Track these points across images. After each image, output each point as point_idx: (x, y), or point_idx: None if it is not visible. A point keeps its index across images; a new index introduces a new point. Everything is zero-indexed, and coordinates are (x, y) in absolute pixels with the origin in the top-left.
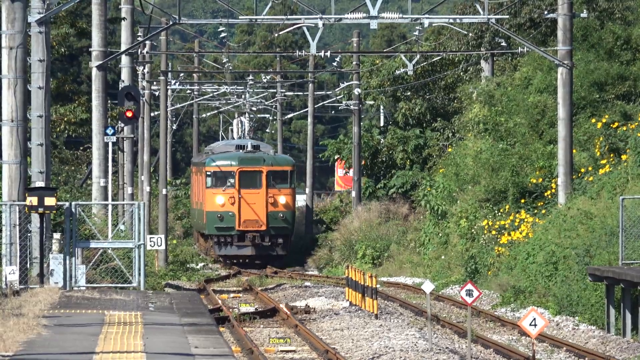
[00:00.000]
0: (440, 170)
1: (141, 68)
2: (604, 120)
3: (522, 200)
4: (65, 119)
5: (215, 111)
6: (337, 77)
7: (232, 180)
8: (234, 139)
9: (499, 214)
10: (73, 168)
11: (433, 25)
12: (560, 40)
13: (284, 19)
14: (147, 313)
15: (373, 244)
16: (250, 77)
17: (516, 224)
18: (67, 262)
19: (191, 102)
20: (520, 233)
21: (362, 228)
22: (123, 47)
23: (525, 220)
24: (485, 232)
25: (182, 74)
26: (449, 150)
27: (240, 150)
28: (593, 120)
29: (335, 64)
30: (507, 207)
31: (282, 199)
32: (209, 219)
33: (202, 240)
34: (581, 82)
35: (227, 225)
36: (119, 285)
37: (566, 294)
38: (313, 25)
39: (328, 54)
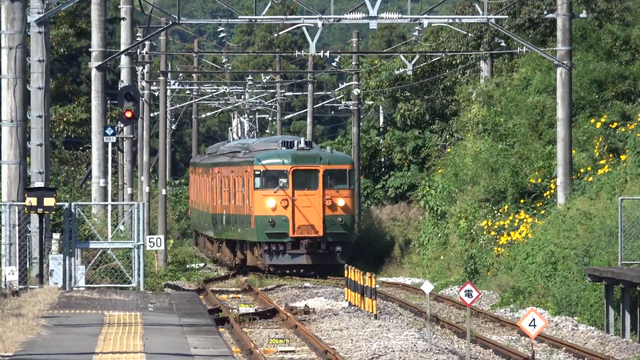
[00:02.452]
0: (440, 170)
1: (140, 68)
2: (602, 120)
3: (522, 201)
4: (65, 119)
5: (215, 112)
6: (336, 78)
7: (284, 181)
8: (233, 139)
9: (498, 214)
10: (72, 168)
11: (432, 25)
12: (560, 40)
13: (283, 19)
14: (146, 313)
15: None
16: (250, 78)
17: (515, 224)
18: (67, 262)
19: (190, 102)
20: (520, 233)
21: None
22: (122, 47)
23: (525, 220)
24: (485, 232)
25: (181, 74)
26: (448, 150)
27: (289, 147)
28: (592, 121)
29: (334, 64)
30: (507, 207)
31: (340, 202)
32: (258, 224)
33: (204, 242)
34: (580, 82)
35: (279, 232)
36: (119, 285)
37: (565, 294)
38: (312, 25)
39: (327, 54)
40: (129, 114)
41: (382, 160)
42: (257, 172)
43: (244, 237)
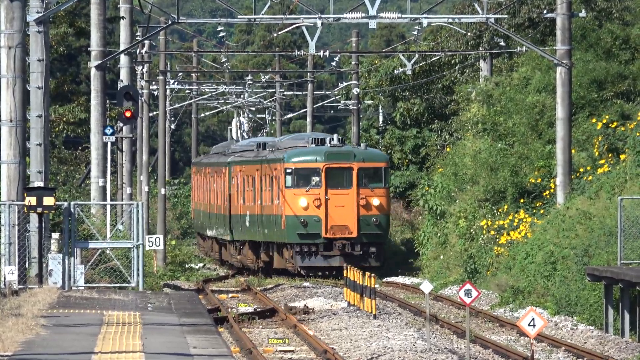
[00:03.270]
0: (439, 169)
1: (140, 68)
2: (604, 121)
3: (521, 200)
4: (64, 119)
5: (214, 111)
6: (336, 77)
7: (317, 179)
8: (232, 139)
9: (498, 213)
10: (72, 168)
11: (432, 25)
12: (559, 39)
13: (282, 18)
14: (145, 313)
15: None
16: (249, 77)
17: (515, 223)
18: (66, 262)
19: (190, 101)
20: (519, 233)
21: None
22: (122, 47)
23: (524, 220)
24: (484, 232)
25: (180, 74)
26: (448, 150)
27: (320, 144)
28: (593, 120)
29: (334, 63)
30: (506, 207)
31: (375, 201)
32: (289, 225)
33: (211, 243)
34: (580, 81)
35: (312, 232)
36: (118, 285)
37: (565, 294)
38: (312, 24)
39: (327, 53)
40: (128, 114)
41: None
42: (288, 170)
43: (272, 238)
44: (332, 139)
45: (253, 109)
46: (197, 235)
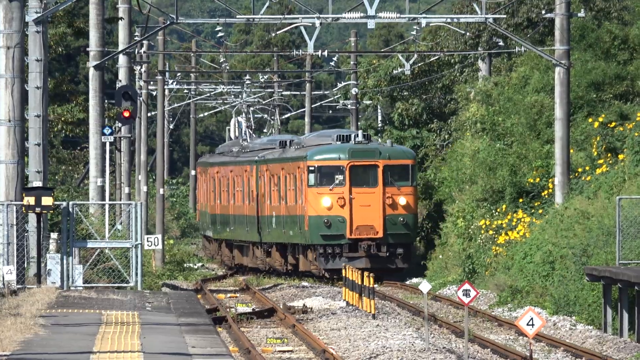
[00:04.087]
0: (442, 168)
1: (138, 68)
2: (600, 120)
3: (520, 200)
4: (63, 119)
5: (213, 111)
6: (334, 77)
7: (341, 177)
8: (231, 139)
9: (497, 213)
10: (70, 168)
11: (430, 25)
12: (558, 40)
13: (281, 18)
14: (144, 313)
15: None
16: (248, 77)
17: (513, 223)
18: (64, 261)
19: (188, 101)
20: (518, 233)
21: None
22: (120, 47)
23: (523, 220)
24: (483, 232)
25: (179, 74)
26: (448, 150)
27: (345, 141)
28: (590, 120)
29: (332, 63)
30: (505, 206)
31: (402, 200)
32: (312, 225)
33: (221, 247)
34: (578, 81)
35: (336, 233)
36: (116, 285)
37: (563, 293)
38: (310, 24)
39: (325, 53)
40: (126, 114)
41: None
42: (311, 168)
43: (296, 239)
44: (357, 135)
45: (252, 108)
46: (203, 237)
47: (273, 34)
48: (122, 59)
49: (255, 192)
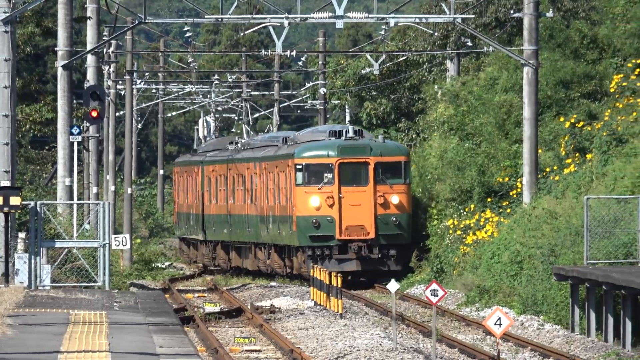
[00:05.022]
0: (413, 166)
1: (107, 67)
2: (572, 120)
3: (488, 200)
4: (31, 119)
5: (181, 111)
6: (302, 77)
7: (330, 176)
8: (199, 139)
9: (465, 213)
10: (38, 167)
11: (399, 25)
12: (526, 39)
13: (249, 18)
14: (112, 312)
15: None
16: (216, 77)
17: (481, 223)
18: (32, 261)
19: (156, 101)
20: (486, 232)
21: None
22: (89, 47)
23: (491, 219)
24: (451, 231)
25: (147, 74)
26: (416, 149)
27: (337, 137)
28: (561, 119)
29: (300, 63)
30: (473, 206)
31: (394, 199)
32: (300, 226)
33: (216, 249)
34: (547, 80)
35: (324, 234)
36: (84, 284)
37: (531, 293)
38: (279, 24)
39: (294, 53)
40: (94, 113)
41: None
42: (298, 166)
43: (286, 241)
44: (348, 131)
45: (219, 108)
46: (181, 241)
47: (241, 34)
48: (90, 59)
49: (257, 191)
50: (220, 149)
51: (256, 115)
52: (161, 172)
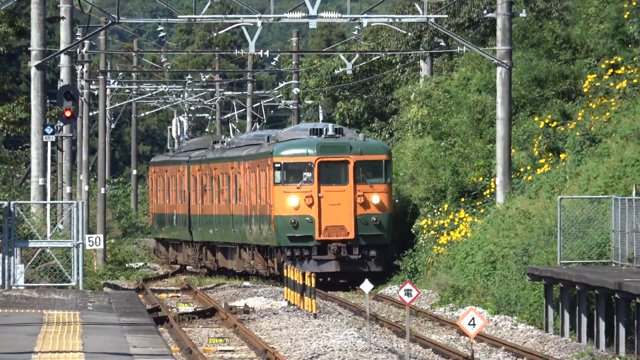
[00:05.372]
0: None
1: (80, 67)
2: (546, 120)
3: (462, 199)
4: (4, 118)
5: (154, 110)
6: (275, 77)
7: (309, 175)
8: (172, 139)
9: (438, 213)
10: (12, 167)
11: (372, 25)
12: (500, 40)
13: (222, 18)
14: (85, 312)
15: None
16: (189, 77)
17: (455, 223)
18: (6, 261)
19: (130, 101)
20: (459, 232)
21: None
22: (62, 47)
23: (464, 219)
24: (425, 231)
25: (121, 74)
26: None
27: (318, 135)
28: (536, 119)
29: (274, 63)
30: (446, 206)
31: (374, 198)
32: (279, 226)
33: (202, 250)
34: (521, 80)
35: (303, 234)
36: (58, 284)
37: (505, 293)
38: (252, 24)
39: (267, 53)
40: (68, 113)
41: None
42: (276, 165)
43: (266, 241)
44: (327, 129)
45: (193, 108)
46: (157, 242)
47: (214, 34)
48: (63, 59)
49: (241, 190)
50: (204, 148)
51: (229, 115)
52: (134, 171)
